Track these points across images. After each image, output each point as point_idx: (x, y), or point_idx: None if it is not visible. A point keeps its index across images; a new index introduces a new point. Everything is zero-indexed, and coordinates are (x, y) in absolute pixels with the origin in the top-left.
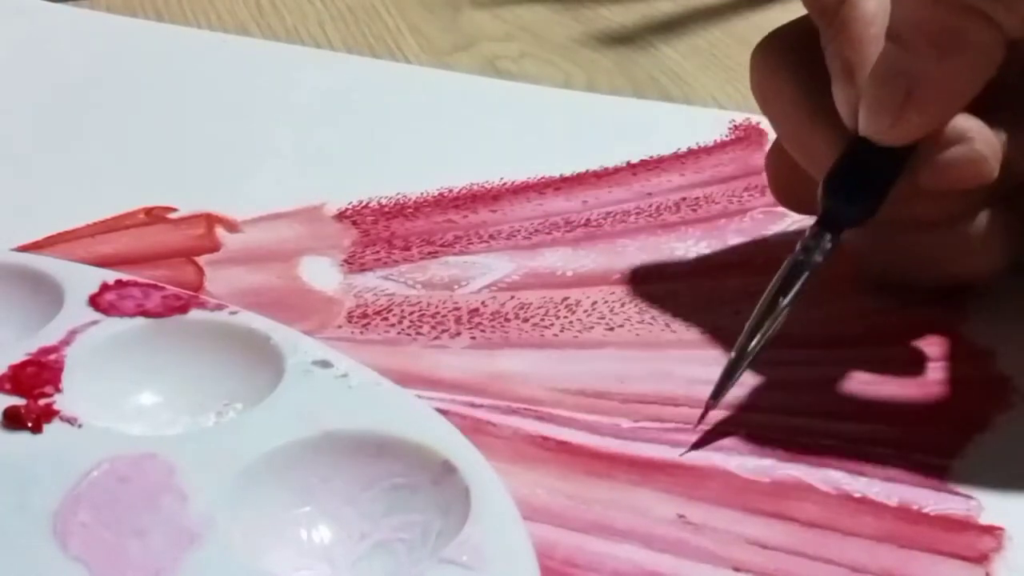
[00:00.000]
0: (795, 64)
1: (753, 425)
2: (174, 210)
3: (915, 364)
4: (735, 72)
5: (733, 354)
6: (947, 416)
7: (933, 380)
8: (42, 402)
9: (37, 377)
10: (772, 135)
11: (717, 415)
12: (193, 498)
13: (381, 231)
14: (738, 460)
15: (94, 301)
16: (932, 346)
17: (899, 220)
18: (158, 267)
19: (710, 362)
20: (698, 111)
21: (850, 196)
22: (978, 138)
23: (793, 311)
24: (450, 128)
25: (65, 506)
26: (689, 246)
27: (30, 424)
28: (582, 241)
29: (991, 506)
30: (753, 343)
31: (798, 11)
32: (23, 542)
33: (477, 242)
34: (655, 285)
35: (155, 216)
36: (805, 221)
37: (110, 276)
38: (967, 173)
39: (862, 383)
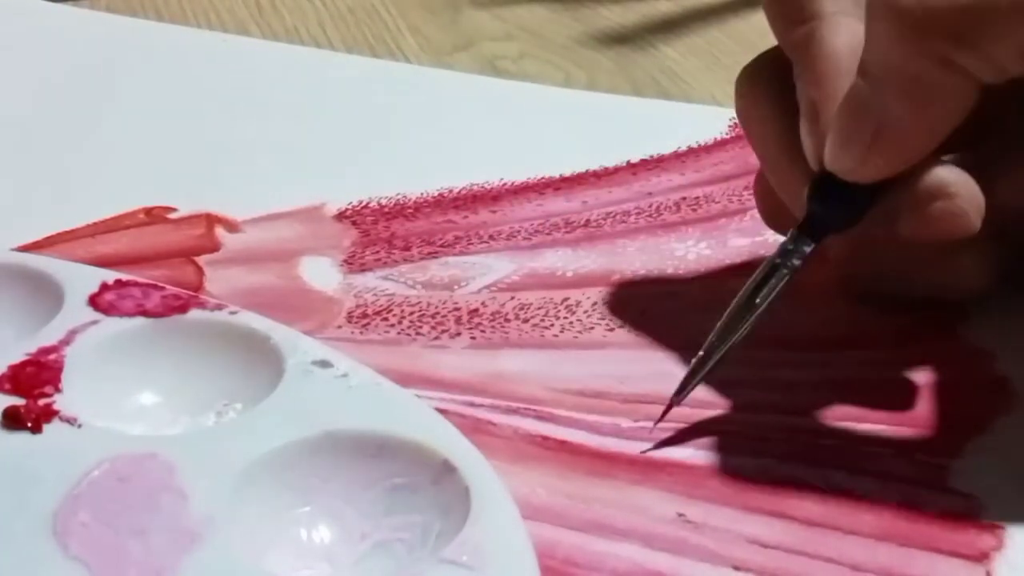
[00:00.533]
0: (775, 94)
1: (753, 425)
2: (174, 210)
3: (915, 365)
4: (734, 72)
5: (701, 352)
6: (947, 416)
7: (933, 381)
8: (42, 402)
9: (37, 377)
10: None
11: (718, 415)
12: (193, 498)
13: (381, 231)
14: (738, 460)
15: (94, 301)
16: (932, 347)
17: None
18: (158, 267)
19: None
20: (698, 109)
21: (835, 203)
22: (961, 193)
23: (770, 313)
24: (450, 128)
25: (65, 506)
26: (689, 246)
27: (30, 424)
28: (582, 241)
29: (991, 505)
30: (724, 344)
31: None
32: (23, 542)
33: (477, 242)
34: (655, 285)
35: (155, 216)
36: None
37: (110, 276)
38: (948, 227)
39: (862, 384)
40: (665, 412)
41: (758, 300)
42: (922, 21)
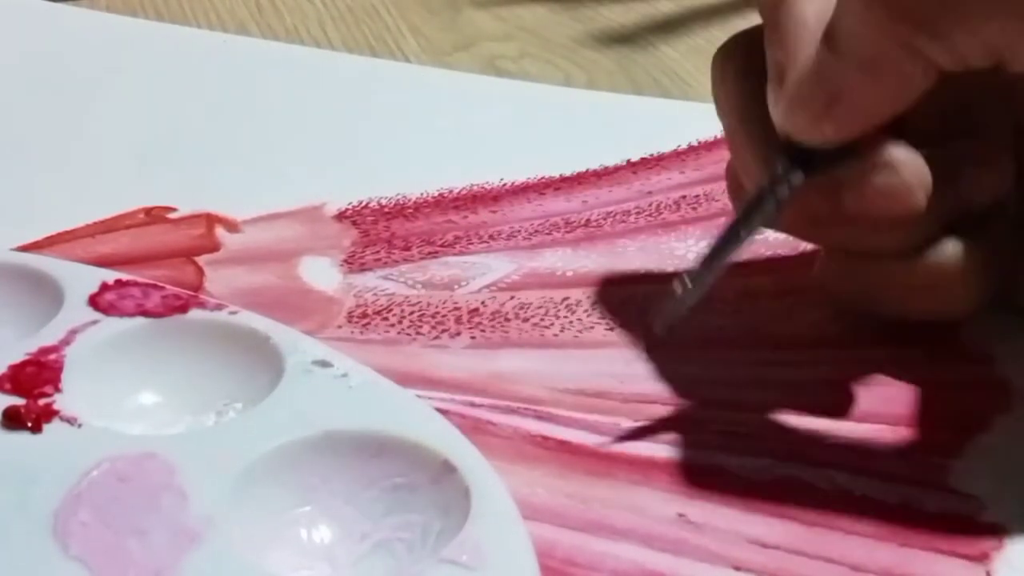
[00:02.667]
0: (743, 72)
1: (752, 425)
2: (174, 210)
3: (915, 367)
4: None
5: (687, 280)
6: (947, 417)
7: (933, 382)
8: (42, 402)
9: (37, 377)
10: None
11: (717, 415)
12: (193, 498)
13: (381, 231)
14: (738, 460)
15: (94, 301)
16: (931, 350)
17: (863, 250)
18: (158, 267)
19: (710, 362)
20: (698, 106)
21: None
22: (906, 168)
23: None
24: (450, 128)
25: (65, 506)
26: (689, 246)
27: (30, 424)
28: (582, 241)
29: (991, 505)
30: (706, 274)
31: None
32: (23, 542)
33: (477, 242)
34: (655, 285)
35: (155, 216)
36: None
37: (110, 276)
38: (892, 202)
39: (862, 384)
40: (650, 344)
41: (743, 231)
42: (890, 2)
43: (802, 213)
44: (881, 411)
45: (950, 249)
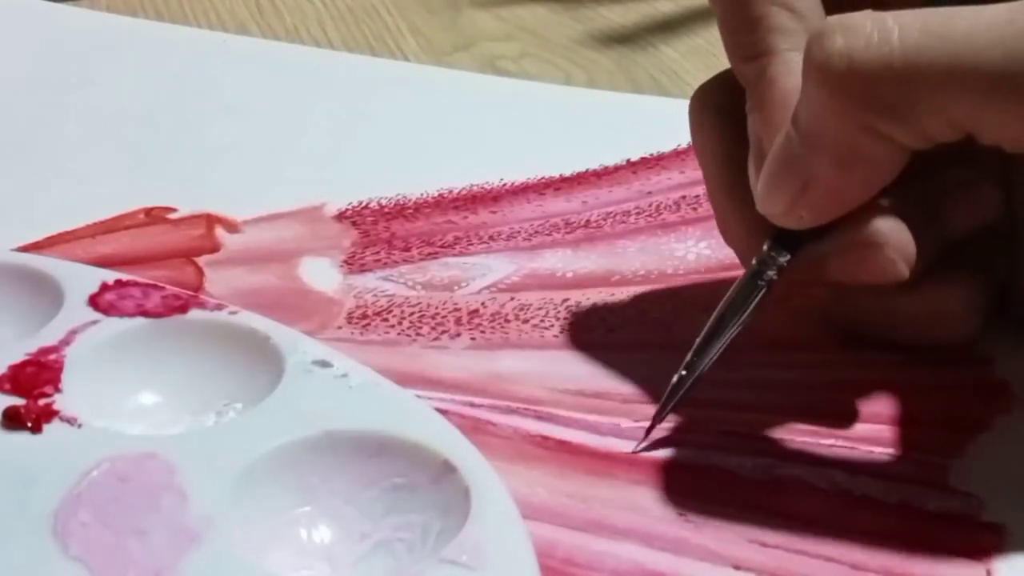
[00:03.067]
0: (723, 123)
1: (753, 425)
2: (174, 210)
3: (915, 368)
4: None
5: (682, 371)
6: (947, 417)
7: (933, 383)
8: (42, 402)
9: (37, 377)
10: None
11: (717, 415)
12: (193, 498)
13: (381, 232)
14: (738, 459)
15: (94, 301)
16: (932, 351)
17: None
18: (158, 267)
19: (710, 362)
20: None
21: None
22: (889, 245)
23: (748, 326)
24: (450, 128)
25: (65, 506)
26: (689, 246)
27: (30, 424)
28: (582, 242)
29: (992, 504)
30: (703, 361)
31: None
32: (23, 542)
33: (477, 243)
34: (655, 286)
35: (155, 216)
36: None
37: (110, 276)
38: (875, 276)
39: (862, 384)
40: (648, 432)
41: (735, 316)
42: (848, 88)
43: (786, 281)
44: (881, 411)
45: (943, 278)
